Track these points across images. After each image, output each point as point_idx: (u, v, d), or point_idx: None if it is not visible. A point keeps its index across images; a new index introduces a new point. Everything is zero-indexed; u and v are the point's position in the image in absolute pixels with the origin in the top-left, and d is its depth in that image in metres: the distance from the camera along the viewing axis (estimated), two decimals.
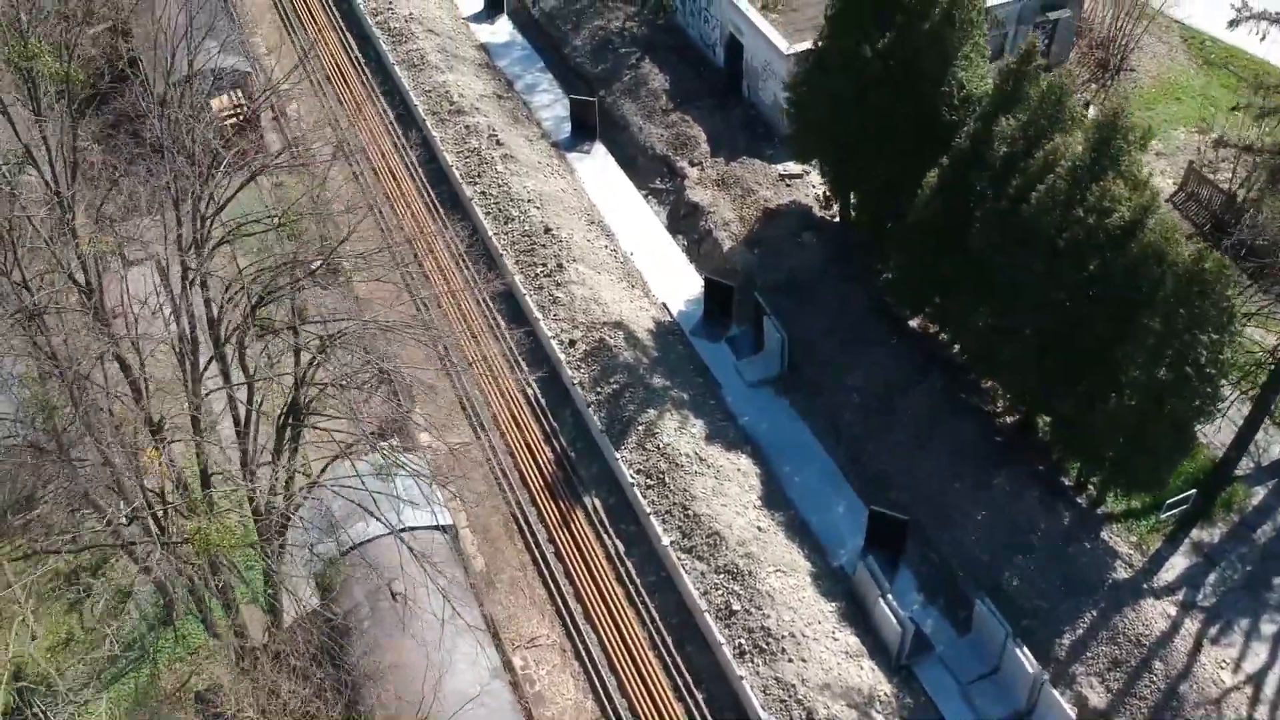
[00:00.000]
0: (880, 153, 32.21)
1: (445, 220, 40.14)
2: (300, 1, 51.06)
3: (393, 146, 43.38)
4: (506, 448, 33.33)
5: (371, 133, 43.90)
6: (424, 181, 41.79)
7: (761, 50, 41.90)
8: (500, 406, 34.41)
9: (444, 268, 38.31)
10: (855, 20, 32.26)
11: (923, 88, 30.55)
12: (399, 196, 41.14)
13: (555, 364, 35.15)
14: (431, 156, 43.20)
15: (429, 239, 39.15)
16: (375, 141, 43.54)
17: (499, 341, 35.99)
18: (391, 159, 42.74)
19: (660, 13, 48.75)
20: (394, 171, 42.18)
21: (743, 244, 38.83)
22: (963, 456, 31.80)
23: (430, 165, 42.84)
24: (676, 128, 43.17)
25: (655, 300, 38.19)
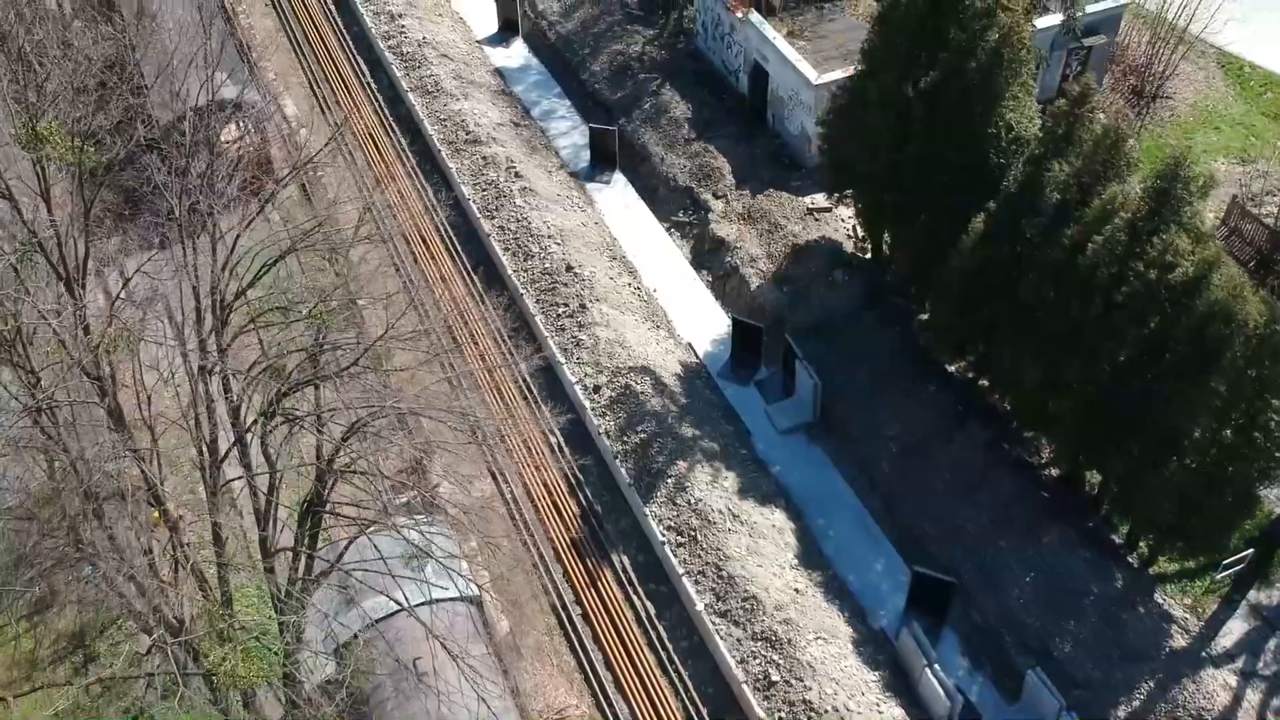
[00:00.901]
0: (920, 194, 30.84)
1: (463, 258, 38.75)
2: (310, 26, 49.72)
3: (412, 188, 41.94)
4: (530, 499, 31.98)
5: (386, 165, 42.52)
6: (441, 217, 40.43)
7: (789, 79, 40.57)
8: (523, 455, 33.04)
9: (464, 310, 36.90)
10: (895, 56, 30.94)
11: (968, 129, 29.19)
12: (415, 235, 39.78)
13: (579, 410, 33.78)
14: (447, 186, 41.87)
15: (448, 280, 37.80)
16: (389, 174, 42.15)
17: (520, 386, 34.63)
18: (408, 196, 41.31)
19: (680, 36, 47.43)
20: (410, 207, 40.78)
21: (771, 282, 37.48)
22: (1007, 512, 30.45)
23: (447, 197, 41.51)
24: (699, 158, 41.82)
25: (680, 340, 36.86)
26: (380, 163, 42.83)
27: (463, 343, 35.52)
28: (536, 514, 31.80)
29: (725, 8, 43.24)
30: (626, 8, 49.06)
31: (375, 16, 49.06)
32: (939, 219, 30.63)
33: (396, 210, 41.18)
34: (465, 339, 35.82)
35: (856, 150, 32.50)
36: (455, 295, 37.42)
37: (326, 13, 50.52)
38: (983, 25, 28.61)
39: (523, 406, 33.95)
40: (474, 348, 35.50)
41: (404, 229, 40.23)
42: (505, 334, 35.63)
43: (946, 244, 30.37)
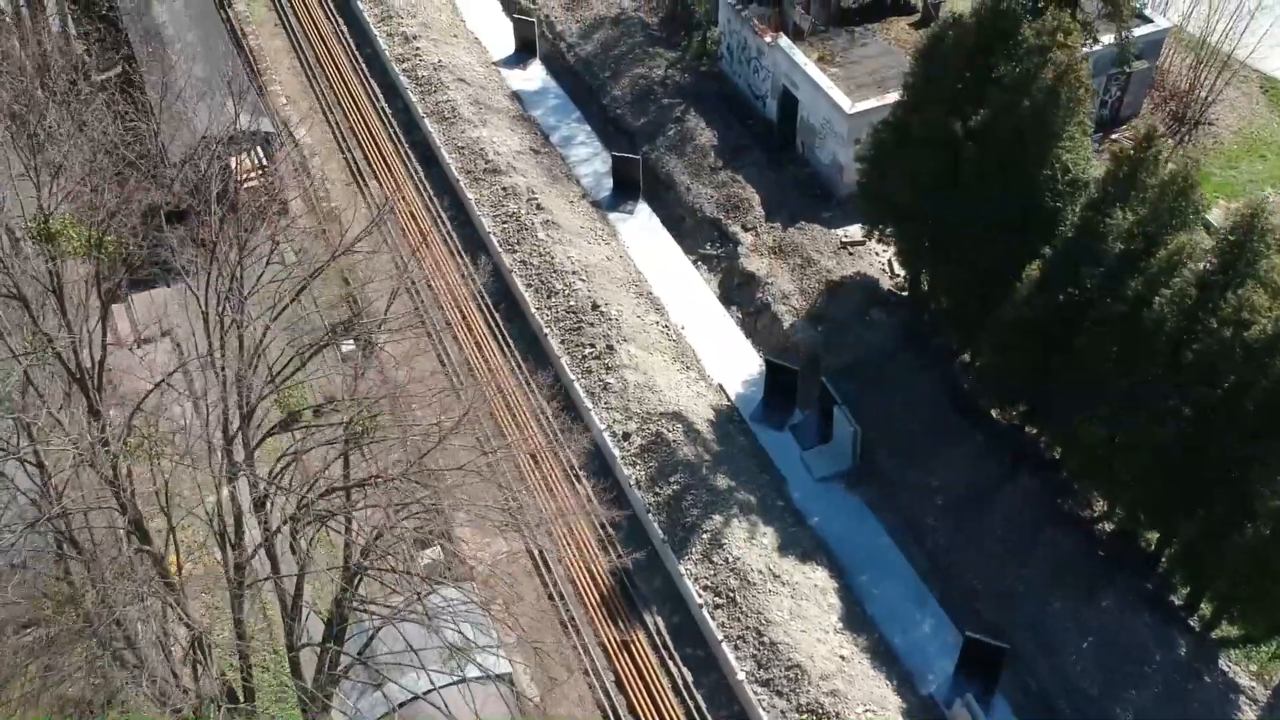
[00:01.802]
0: (968, 236, 29.39)
1: (484, 297, 37.28)
2: (321, 47, 48.28)
3: (430, 220, 40.49)
4: (558, 554, 30.51)
5: (404, 198, 41.04)
6: (461, 254, 38.97)
7: (820, 107, 39.11)
8: (551, 506, 31.56)
9: (487, 356, 35.42)
10: (942, 90, 29.51)
11: (1021, 169, 27.73)
12: (436, 272, 38.32)
13: (609, 459, 32.32)
14: (465, 219, 40.42)
15: (469, 317, 36.37)
16: (408, 209, 40.68)
17: (547, 432, 33.15)
18: (428, 232, 39.82)
19: (703, 59, 45.99)
20: (430, 244, 39.29)
21: (805, 320, 36.02)
22: (1061, 571, 28.99)
23: (465, 229, 40.05)
24: (727, 188, 40.37)
25: (711, 382, 35.39)
26: (398, 195, 41.35)
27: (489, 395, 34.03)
28: (565, 570, 30.35)
29: (753, 32, 41.81)
30: (648, 29, 47.65)
31: (389, 38, 47.62)
32: (987, 261, 29.17)
33: (413, 243, 39.76)
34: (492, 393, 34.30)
35: (899, 186, 31.08)
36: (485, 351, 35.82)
37: (338, 33, 49.11)
38: (1037, 62, 27.15)
39: (552, 458, 32.48)
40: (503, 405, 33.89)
41: (423, 265, 38.80)
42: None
43: (994, 287, 28.96)
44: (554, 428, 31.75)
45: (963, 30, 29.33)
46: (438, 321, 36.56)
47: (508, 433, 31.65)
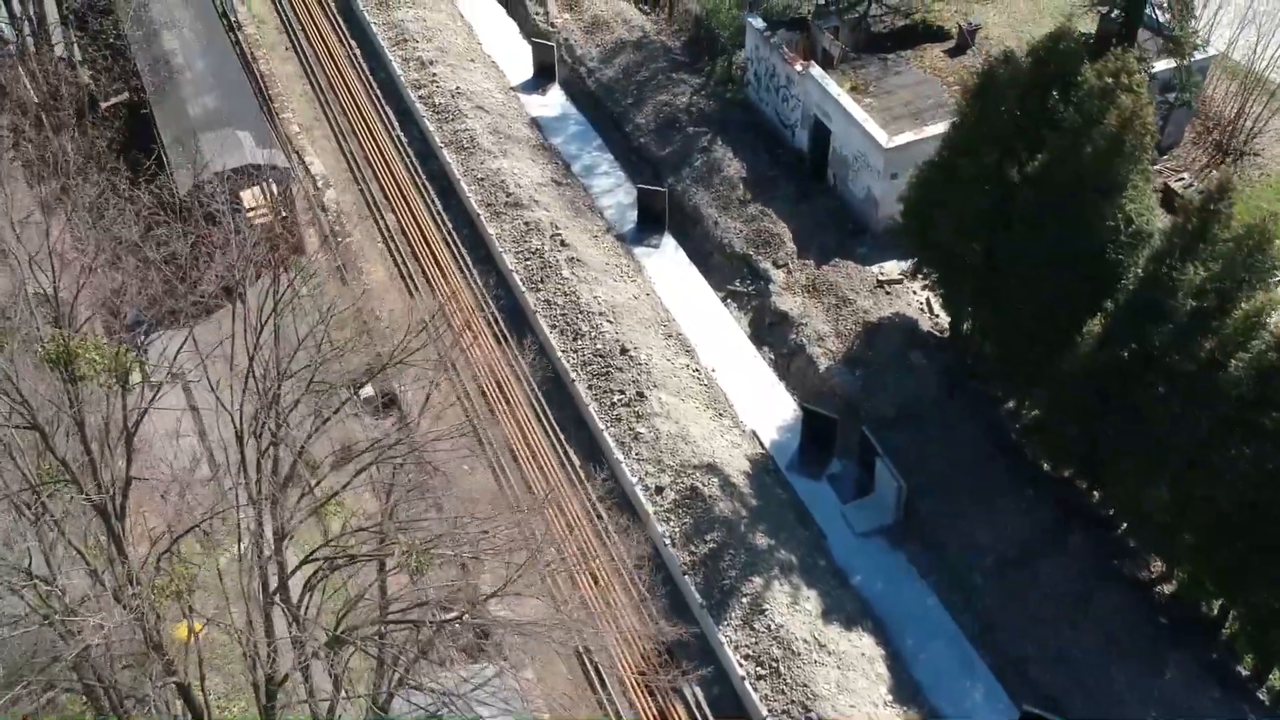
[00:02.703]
0: (1021, 285, 27.99)
1: (508, 337, 35.88)
2: (333, 72, 46.89)
3: (449, 255, 39.07)
4: (591, 616, 29.05)
5: (424, 235, 39.63)
6: (482, 293, 37.56)
7: (854, 140, 37.71)
8: (580, 564, 30.15)
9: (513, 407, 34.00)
10: (995, 132, 28.12)
11: (1081, 218, 26.32)
12: (457, 313, 36.86)
13: (641, 514, 30.91)
14: (486, 256, 39.01)
15: (491, 364, 34.97)
16: (429, 251, 39.28)
17: (575, 484, 31.76)
18: (450, 272, 38.38)
19: (728, 84, 44.60)
20: (452, 285, 37.83)
21: (841, 363, 34.62)
22: (1119, 637, 27.57)
23: (485, 266, 38.63)
24: (757, 222, 38.96)
25: (744, 428, 33.97)
26: (414, 228, 39.96)
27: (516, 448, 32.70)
28: (596, 631, 28.89)
29: (783, 60, 40.41)
30: (670, 53, 46.26)
31: (404, 63, 46.23)
32: (1041, 311, 27.75)
33: (432, 279, 38.39)
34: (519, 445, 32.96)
35: (946, 229, 29.67)
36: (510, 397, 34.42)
37: (351, 57, 47.73)
38: (1100, 105, 25.74)
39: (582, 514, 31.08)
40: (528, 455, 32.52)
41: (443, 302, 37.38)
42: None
43: (1049, 339, 27.57)
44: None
45: (1017, 69, 27.94)
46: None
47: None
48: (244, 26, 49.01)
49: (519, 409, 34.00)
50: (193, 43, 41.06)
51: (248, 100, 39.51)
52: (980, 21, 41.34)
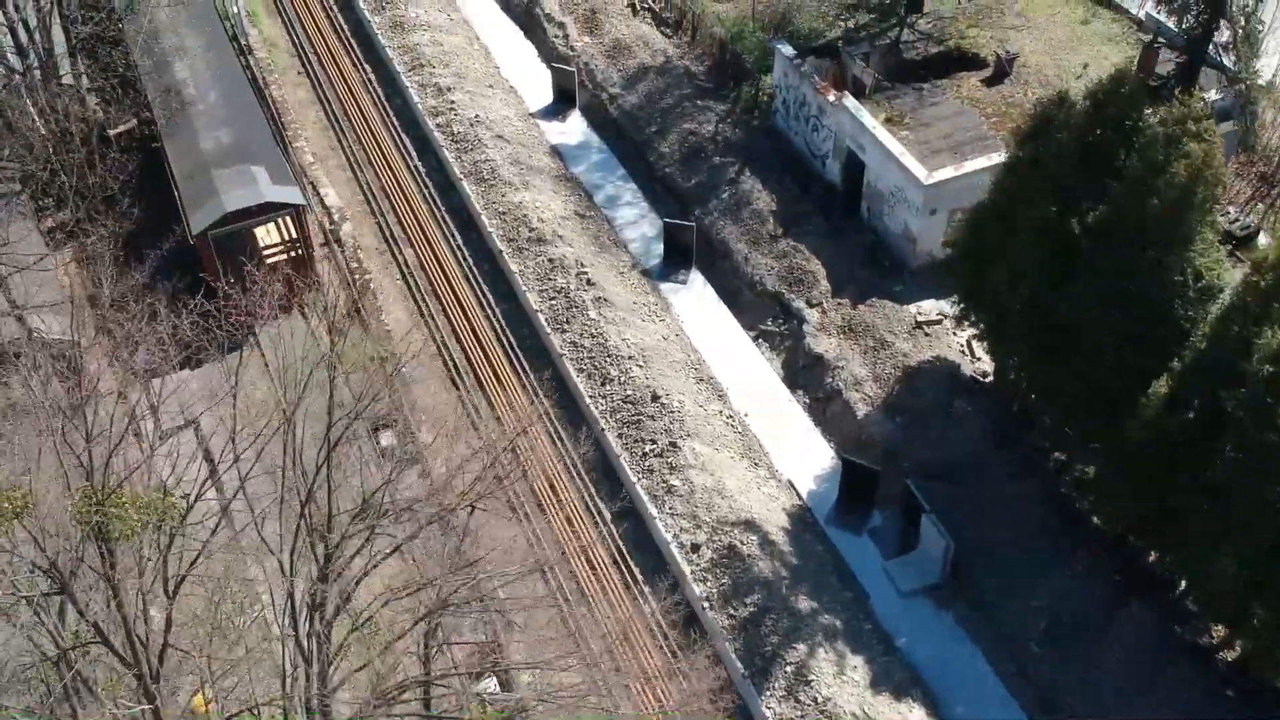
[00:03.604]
0: (1080, 339, 26.63)
1: (533, 383, 34.55)
2: (348, 98, 45.59)
3: (470, 293, 37.76)
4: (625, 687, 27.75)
5: (444, 272, 38.29)
6: (504, 329, 36.26)
7: (891, 175, 36.38)
8: (612, 627, 28.83)
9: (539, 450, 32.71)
10: (1050, 179, 26.79)
11: (1146, 273, 24.98)
12: (481, 358, 35.59)
13: (677, 574, 29.57)
14: (509, 292, 37.69)
15: (517, 406, 33.66)
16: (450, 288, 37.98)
17: (607, 544, 30.46)
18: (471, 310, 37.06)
19: (755, 112, 43.28)
20: (474, 324, 36.53)
21: (881, 410, 33.28)
22: (1186, 711, 26.22)
23: (508, 304, 37.32)
24: (789, 258, 37.62)
25: (780, 478, 32.65)
26: (434, 263, 38.64)
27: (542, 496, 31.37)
28: (631, 702, 27.60)
29: (814, 89, 39.07)
30: (694, 78, 44.91)
31: (421, 89, 44.91)
32: (1101, 368, 26.38)
33: (452, 315, 37.09)
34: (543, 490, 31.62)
35: (999, 279, 28.31)
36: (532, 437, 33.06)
37: (365, 82, 46.42)
38: (1166, 154, 24.40)
39: (611, 568, 29.79)
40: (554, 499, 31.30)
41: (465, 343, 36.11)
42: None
43: (1111, 397, 26.22)
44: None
45: (1073, 112, 26.62)
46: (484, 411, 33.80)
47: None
48: (255, 50, 47.70)
49: (545, 458, 32.68)
50: (204, 71, 39.73)
51: (262, 132, 38.17)
52: (1017, 49, 39.96)
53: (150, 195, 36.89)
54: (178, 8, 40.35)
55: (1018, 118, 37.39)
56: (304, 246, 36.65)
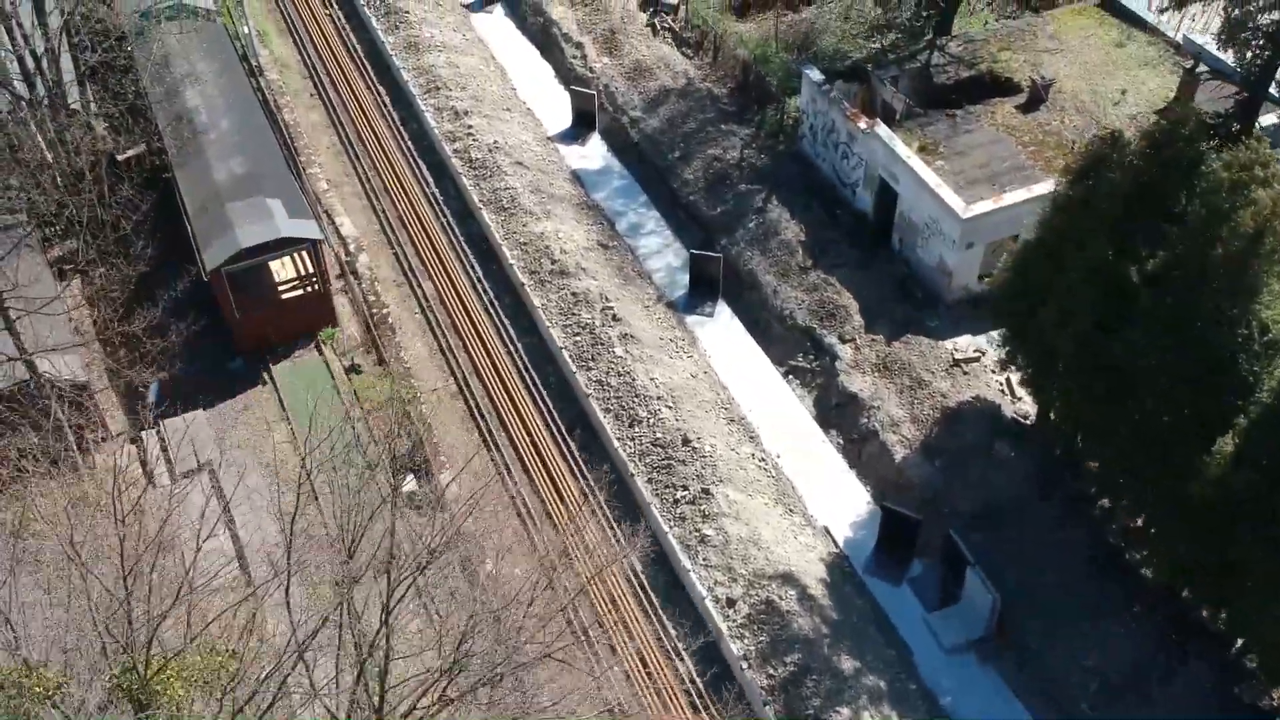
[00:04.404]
0: (1136, 389, 25.52)
1: (558, 423, 33.48)
2: (362, 121, 44.51)
3: (491, 327, 36.66)
4: None
5: (465, 305, 37.19)
6: (527, 367, 35.17)
7: (925, 205, 35.27)
8: (644, 684, 27.75)
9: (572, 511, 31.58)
10: (1103, 221, 25.67)
11: (1209, 324, 23.86)
12: (498, 387, 34.49)
13: (712, 630, 28.48)
14: (531, 326, 36.60)
15: (545, 457, 32.57)
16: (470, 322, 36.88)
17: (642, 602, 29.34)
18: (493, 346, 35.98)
19: (780, 136, 42.19)
20: (496, 362, 35.41)
21: (919, 453, 32.17)
22: None
23: (530, 338, 36.23)
24: (819, 291, 36.51)
25: (815, 524, 31.55)
26: (454, 297, 37.54)
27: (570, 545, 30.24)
28: None
29: (844, 116, 37.95)
30: (717, 101, 43.81)
31: (437, 113, 43.81)
32: (1160, 421, 25.28)
33: (473, 351, 36.00)
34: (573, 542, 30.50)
35: (1049, 322, 27.19)
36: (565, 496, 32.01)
37: (380, 105, 45.34)
38: (1232, 202, 23.29)
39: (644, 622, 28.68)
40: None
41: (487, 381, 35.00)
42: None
43: (1169, 451, 25.11)
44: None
45: (1128, 153, 25.51)
46: None
47: None
48: (266, 71, 46.65)
49: (573, 504, 31.59)
50: (216, 98, 38.62)
51: (276, 161, 37.06)
52: (1052, 74, 38.83)
53: (161, 225, 35.79)
54: (189, 34, 39.23)
55: (1055, 147, 36.49)
56: (320, 281, 35.51)
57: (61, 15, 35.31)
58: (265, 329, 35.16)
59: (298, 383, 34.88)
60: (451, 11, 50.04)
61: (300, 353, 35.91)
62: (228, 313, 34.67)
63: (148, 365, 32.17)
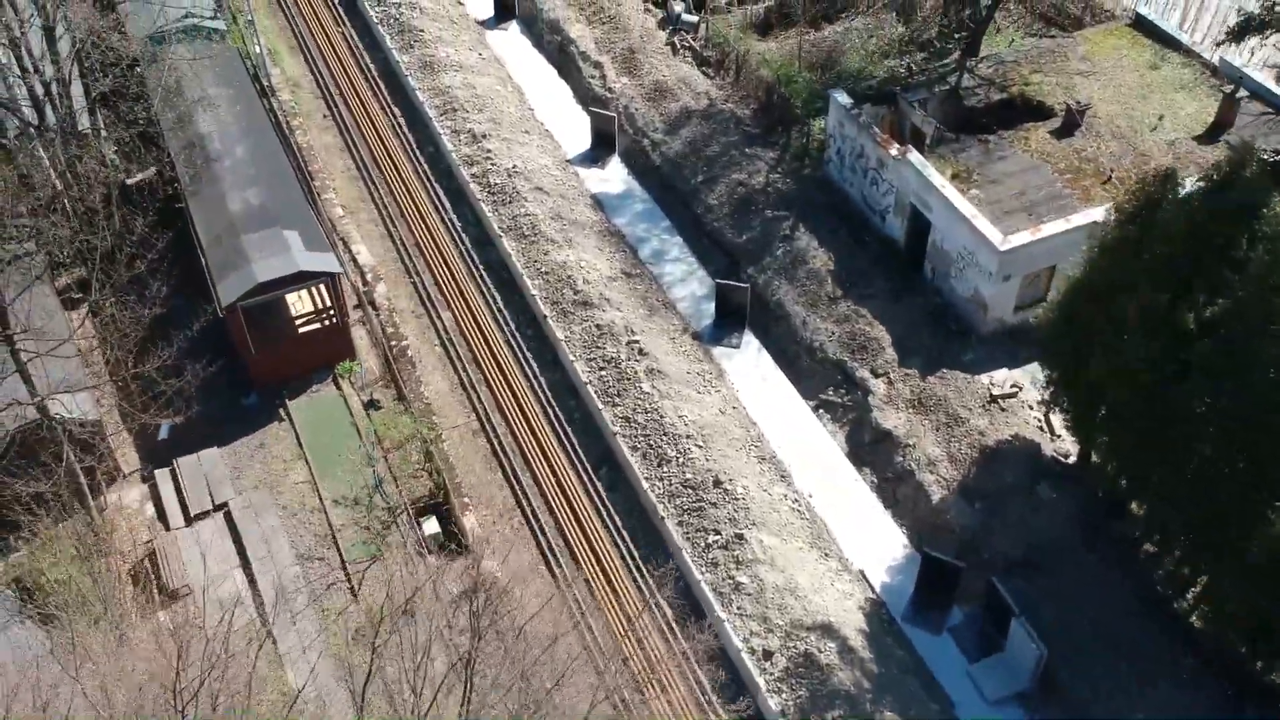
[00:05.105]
0: (1191, 439, 24.57)
1: (583, 461, 32.53)
2: (377, 144, 43.56)
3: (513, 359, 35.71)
4: None
5: (485, 337, 36.23)
6: (550, 402, 34.21)
7: (960, 236, 34.31)
8: None
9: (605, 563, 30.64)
10: (1157, 265, 24.70)
11: (1273, 376, 22.89)
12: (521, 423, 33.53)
13: (749, 684, 27.52)
14: (554, 360, 35.66)
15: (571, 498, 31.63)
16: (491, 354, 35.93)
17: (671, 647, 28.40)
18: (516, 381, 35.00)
19: (805, 159, 41.22)
20: (519, 397, 34.47)
21: (957, 494, 31.21)
22: None
23: (553, 373, 35.29)
24: (850, 323, 35.54)
25: (851, 568, 30.59)
26: (474, 328, 36.59)
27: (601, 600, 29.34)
28: None
29: (875, 141, 36.99)
30: (741, 124, 42.84)
31: (454, 136, 42.85)
32: (1221, 474, 24.30)
33: (495, 386, 35.05)
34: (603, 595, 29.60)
35: (1101, 371, 26.22)
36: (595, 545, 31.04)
37: (395, 127, 44.38)
38: None
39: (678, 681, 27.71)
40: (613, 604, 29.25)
41: (510, 418, 34.06)
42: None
43: (1231, 505, 24.15)
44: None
45: (1186, 194, 24.55)
46: None
47: None
48: (278, 91, 45.70)
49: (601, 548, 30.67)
50: (230, 124, 37.67)
51: (292, 190, 36.12)
52: (1087, 97, 37.86)
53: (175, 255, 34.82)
54: (202, 59, 38.26)
55: (1093, 174, 35.54)
56: (339, 314, 34.56)
57: (73, 45, 34.34)
58: (281, 363, 34.20)
59: (316, 419, 33.95)
60: (466, 29, 49.06)
61: (317, 387, 34.95)
62: (242, 347, 33.71)
63: (162, 409, 31.21)
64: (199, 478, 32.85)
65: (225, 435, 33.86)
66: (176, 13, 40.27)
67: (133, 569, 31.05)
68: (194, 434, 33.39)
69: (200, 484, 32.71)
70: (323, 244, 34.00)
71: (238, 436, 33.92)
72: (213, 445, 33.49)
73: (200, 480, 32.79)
